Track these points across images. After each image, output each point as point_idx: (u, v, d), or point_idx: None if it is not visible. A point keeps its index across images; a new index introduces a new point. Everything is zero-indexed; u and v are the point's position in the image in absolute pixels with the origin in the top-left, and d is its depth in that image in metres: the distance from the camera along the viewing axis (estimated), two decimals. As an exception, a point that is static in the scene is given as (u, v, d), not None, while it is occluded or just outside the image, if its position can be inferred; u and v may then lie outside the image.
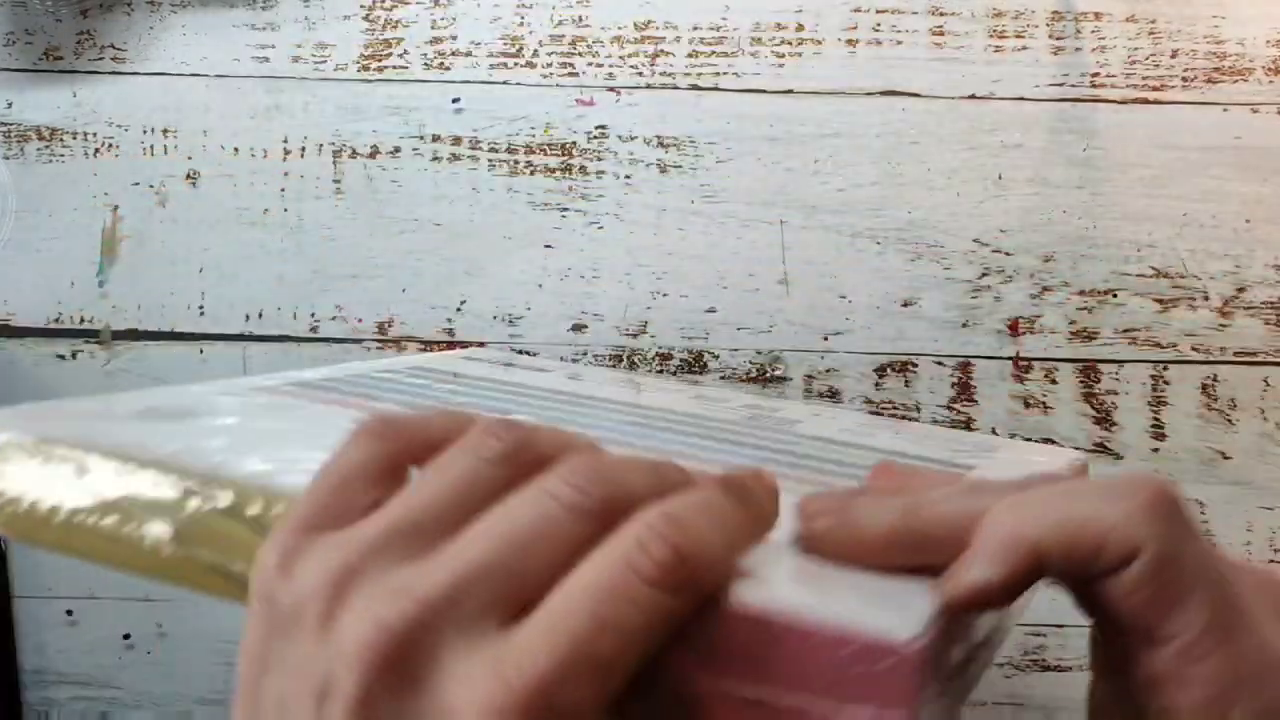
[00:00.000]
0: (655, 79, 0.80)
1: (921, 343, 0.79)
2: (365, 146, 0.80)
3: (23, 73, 0.81)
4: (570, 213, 0.80)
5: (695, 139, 0.80)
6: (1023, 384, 0.79)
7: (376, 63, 0.80)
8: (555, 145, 0.80)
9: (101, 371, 0.81)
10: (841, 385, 0.79)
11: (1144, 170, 0.79)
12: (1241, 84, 0.79)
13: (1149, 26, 0.79)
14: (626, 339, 0.80)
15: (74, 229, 0.80)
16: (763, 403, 0.50)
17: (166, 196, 0.81)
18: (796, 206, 0.80)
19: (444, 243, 0.80)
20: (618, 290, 0.80)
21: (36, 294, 0.81)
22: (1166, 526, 0.23)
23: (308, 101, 0.80)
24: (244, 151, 0.81)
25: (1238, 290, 0.79)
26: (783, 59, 0.80)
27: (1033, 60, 0.79)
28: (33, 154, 0.80)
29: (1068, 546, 0.24)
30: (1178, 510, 0.24)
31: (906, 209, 0.79)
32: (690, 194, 0.80)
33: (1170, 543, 0.23)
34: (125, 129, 0.81)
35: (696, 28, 0.80)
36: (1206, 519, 0.79)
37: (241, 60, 0.80)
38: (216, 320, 0.80)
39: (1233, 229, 0.79)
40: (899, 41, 0.79)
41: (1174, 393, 0.79)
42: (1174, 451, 0.79)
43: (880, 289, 0.79)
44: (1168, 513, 0.23)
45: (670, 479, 0.24)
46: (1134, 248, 0.79)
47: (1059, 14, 0.79)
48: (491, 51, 0.80)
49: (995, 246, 0.79)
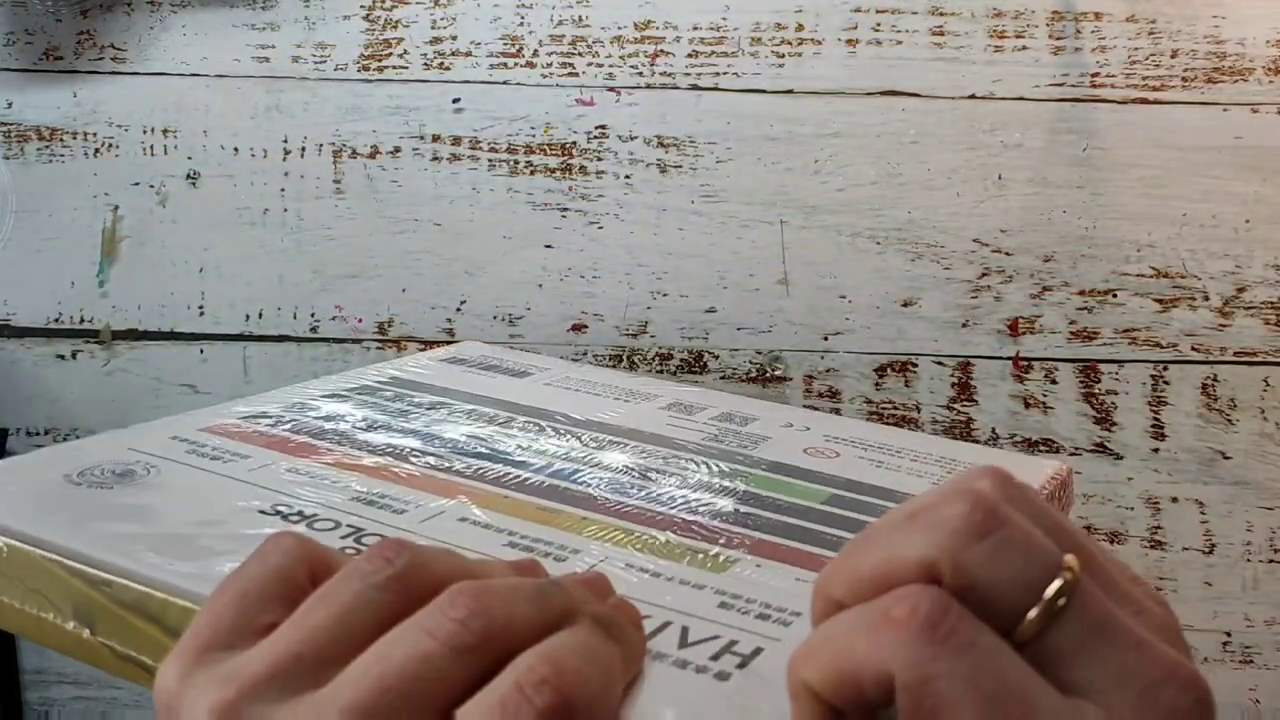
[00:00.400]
0: (655, 79, 0.80)
1: (921, 343, 0.79)
2: (365, 146, 0.80)
3: (23, 73, 0.81)
4: (570, 213, 0.80)
5: (695, 139, 0.80)
6: (1023, 384, 0.79)
7: (376, 63, 0.80)
8: (555, 145, 0.80)
9: (101, 371, 0.81)
10: (841, 385, 0.79)
11: (1144, 170, 0.79)
12: (1241, 84, 0.79)
13: (1149, 26, 0.79)
14: (626, 339, 0.80)
15: (74, 229, 0.80)
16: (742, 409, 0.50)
17: (166, 196, 0.81)
18: (796, 206, 0.80)
19: (444, 243, 0.80)
20: (618, 290, 0.80)
21: (36, 294, 0.81)
22: (916, 647, 0.21)
23: (308, 101, 0.80)
24: (244, 151, 0.81)
25: (1238, 290, 0.79)
26: (783, 59, 0.80)
27: (1033, 60, 0.79)
28: (33, 154, 0.80)
29: (834, 687, 0.22)
30: (935, 621, 0.21)
31: (906, 209, 0.79)
32: (690, 194, 0.80)
33: (921, 666, 0.21)
34: (125, 129, 0.81)
35: (696, 28, 0.80)
36: (1206, 519, 0.79)
37: (241, 60, 0.80)
38: (216, 320, 0.80)
39: (1233, 229, 0.79)
40: (899, 41, 0.79)
41: (1174, 393, 0.79)
42: (1174, 451, 0.79)
43: (880, 289, 0.79)
44: (924, 628, 0.21)
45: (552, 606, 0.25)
46: (1134, 248, 0.79)
47: (1059, 14, 0.79)
48: (491, 51, 0.80)
49: (995, 246, 0.79)
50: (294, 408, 0.45)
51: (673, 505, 0.37)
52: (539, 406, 0.47)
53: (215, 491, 0.35)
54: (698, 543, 0.34)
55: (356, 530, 0.32)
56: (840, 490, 0.40)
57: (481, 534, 0.33)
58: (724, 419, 0.48)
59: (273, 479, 0.36)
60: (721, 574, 0.32)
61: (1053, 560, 0.21)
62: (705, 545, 0.34)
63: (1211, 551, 0.79)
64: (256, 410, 0.43)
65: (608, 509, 0.36)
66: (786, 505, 0.38)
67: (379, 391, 0.48)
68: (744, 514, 0.37)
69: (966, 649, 0.20)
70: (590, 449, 0.42)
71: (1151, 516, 0.79)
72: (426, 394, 0.48)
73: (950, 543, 0.21)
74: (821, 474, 0.42)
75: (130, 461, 0.36)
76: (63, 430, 0.82)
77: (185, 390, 0.81)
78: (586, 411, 0.47)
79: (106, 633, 0.29)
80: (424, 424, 0.43)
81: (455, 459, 0.39)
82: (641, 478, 0.39)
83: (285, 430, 0.41)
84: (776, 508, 0.38)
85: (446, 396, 0.48)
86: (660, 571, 0.31)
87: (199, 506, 0.33)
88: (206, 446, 0.39)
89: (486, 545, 0.32)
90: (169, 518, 0.29)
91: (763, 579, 0.32)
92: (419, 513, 0.34)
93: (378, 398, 0.47)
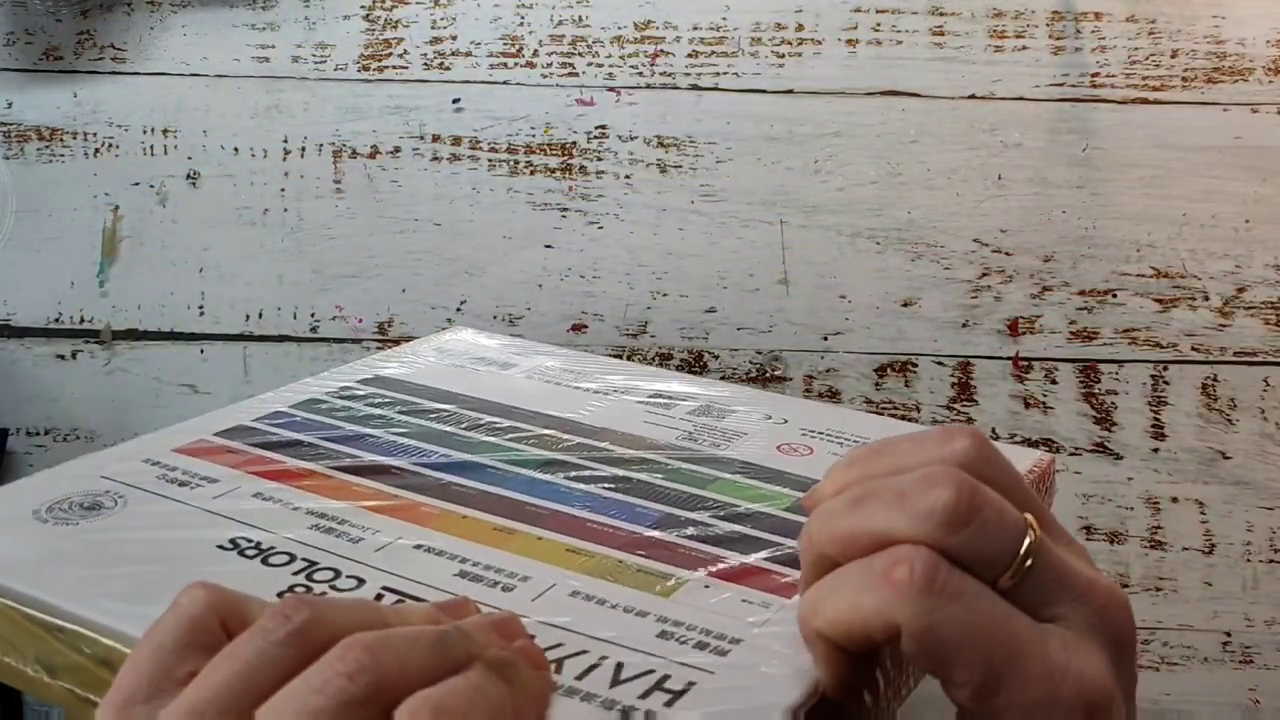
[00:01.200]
0: (655, 79, 0.80)
1: (921, 343, 0.79)
2: (365, 146, 0.80)
3: (23, 73, 0.81)
4: (570, 213, 0.80)
5: (695, 139, 0.80)
6: (1023, 384, 0.79)
7: (376, 63, 0.80)
8: (555, 145, 0.80)
9: (101, 371, 0.81)
10: (841, 385, 0.79)
11: (1144, 170, 0.79)
12: (1241, 84, 0.79)
13: (1149, 26, 0.79)
14: (626, 339, 0.80)
15: (74, 229, 0.80)
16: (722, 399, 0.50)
17: (166, 196, 0.81)
18: (796, 206, 0.80)
19: (444, 242, 0.80)
20: (618, 290, 0.80)
21: (36, 294, 0.81)
22: (918, 602, 0.25)
23: (308, 101, 0.80)
24: (244, 151, 0.81)
25: (1238, 290, 0.79)
26: (783, 59, 0.80)
27: (1033, 60, 0.79)
28: (33, 154, 0.80)
29: (845, 635, 0.26)
30: (931, 579, 0.25)
31: (906, 209, 0.79)
32: (690, 194, 0.80)
33: (923, 617, 0.25)
34: (125, 129, 0.81)
35: (696, 28, 0.80)
36: (1206, 519, 0.79)
37: (241, 60, 0.81)
38: (216, 320, 0.80)
39: (1233, 229, 0.79)
40: (899, 41, 0.79)
41: (1174, 393, 0.79)
42: (1174, 451, 0.79)
43: (880, 289, 0.79)
44: (922, 586, 0.25)
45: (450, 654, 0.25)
46: (1134, 248, 0.79)
47: (1059, 14, 0.79)
48: (491, 51, 0.80)
49: (995, 246, 0.79)
50: (270, 418, 0.45)
51: (630, 519, 0.38)
52: (514, 406, 0.48)
53: (177, 525, 0.36)
54: (650, 562, 0.35)
55: (310, 565, 0.33)
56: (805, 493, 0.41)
57: (434, 562, 0.34)
58: (701, 412, 0.48)
59: (235, 507, 0.37)
60: (667, 598, 0.33)
61: (1020, 529, 0.26)
62: (656, 565, 0.35)
63: (1211, 551, 0.79)
64: (233, 424, 0.44)
65: (564, 526, 0.37)
66: (746, 514, 0.39)
67: (357, 395, 0.49)
68: (701, 526, 0.37)
69: (958, 597, 0.25)
70: (557, 454, 0.43)
71: (1151, 516, 0.79)
72: (404, 394, 0.49)
73: (938, 531, 0.26)
74: (789, 475, 0.42)
75: (99, 492, 0.38)
76: (63, 430, 0.82)
77: (185, 390, 0.81)
78: (564, 408, 0.48)
79: (67, 677, 0.31)
80: (394, 433, 0.44)
81: (422, 472, 0.40)
82: (604, 489, 0.40)
83: (256, 447, 0.42)
84: (736, 517, 0.38)
85: (424, 398, 0.49)
86: (606, 598, 0.32)
87: (159, 544, 0.34)
88: (176, 470, 0.40)
89: (437, 576, 0.33)
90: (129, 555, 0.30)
91: (708, 603, 0.32)
92: (374, 541, 0.35)
93: (356, 403, 0.48)
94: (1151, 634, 0.79)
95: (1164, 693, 0.79)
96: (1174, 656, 0.79)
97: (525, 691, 0.26)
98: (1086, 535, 0.79)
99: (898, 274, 0.79)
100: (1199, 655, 0.79)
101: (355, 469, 0.41)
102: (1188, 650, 0.79)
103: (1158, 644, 0.79)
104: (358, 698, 0.23)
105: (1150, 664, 0.79)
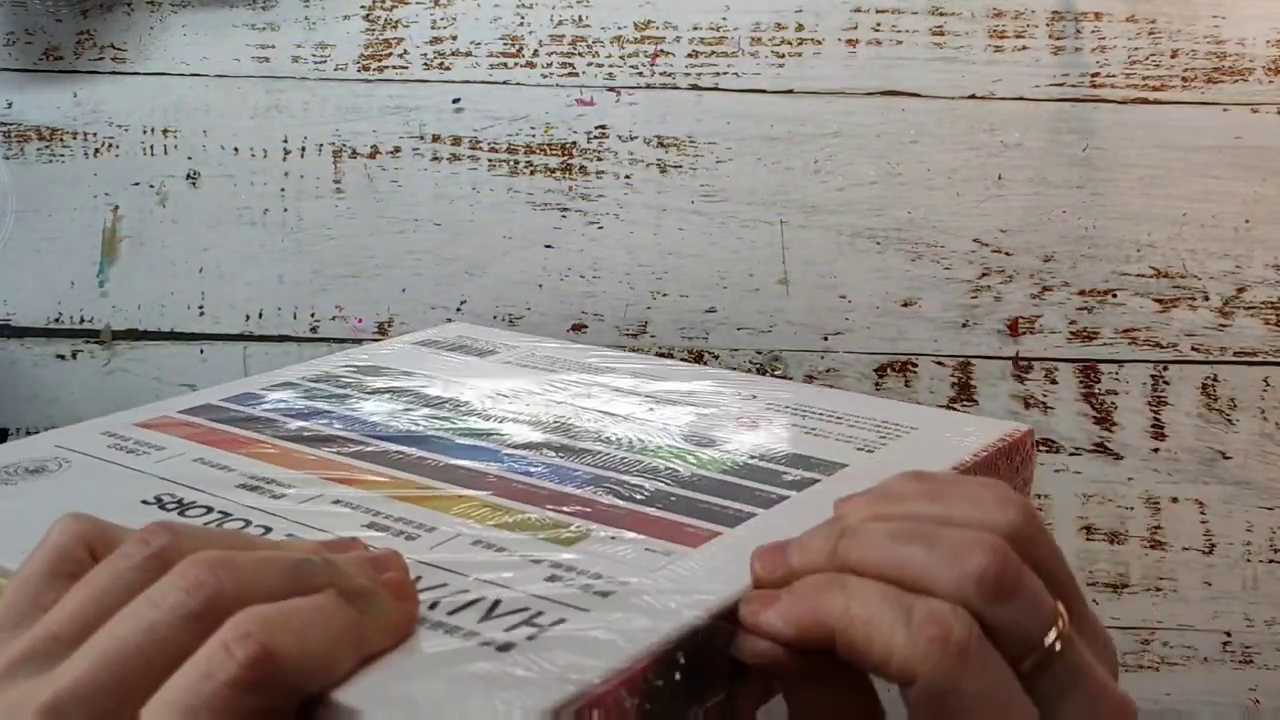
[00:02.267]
0: (655, 79, 0.80)
1: (921, 343, 0.79)
2: (365, 146, 0.80)
3: (23, 73, 0.81)
4: (570, 213, 0.80)
5: (695, 139, 0.80)
6: (1023, 384, 0.79)
7: (376, 63, 0.80)
8: (555, 145, 0.80)
9: (101, 371, 0.81)
10: (841, 385, 0.79)
11: (1144, 170, 0.79)
12: (1241, 84, 0.79)
13: (1149, 26, 0.79)
14: (626, 339, 0.80)
15: (74, 229, 0.81)
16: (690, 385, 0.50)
17: (166, 196, 0.81)
18: (796, 206, 0.80)
19: (444, 242, 0.80)
20: (618, 290, 0.80)
21: (36, 294, 0.81)
22: (946, 663, 0.25)
23: (308, 101, 0.80)
24: (244, 151, 0.81)
25: (1238, 290, 0.79)
26: (783, 59, 0.80)
27: (1033, 60, 0.79)
28: (33, 154, 0.80)
29: (851, 647, 0.26)
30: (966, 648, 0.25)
31: (906, 209, 0.79)
32: (690, 194, 0.80)
33: (946, 679, 0.25)
34: (125, 129, 0.81)
35: (696, 28, 0.80)
36: (1206, 519, 0.79)
37: (241, 60, 0.81)
38: (216, 320, 0.81)
39: (1233, 229, 0.79)
40: (899, 41, 0.79)
41: (1174, 393, 0.79)
42: (1174, 451, 0.79)
43: (880, 289, 0.79)
44: (957, 649, 0.25)
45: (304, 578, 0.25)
46: (1134, 248, 0.79)
47: (1059, 14, 0.79)
48: (491, 51, 0.80)
49: (995, 246, 0.79)
50: (239, 399, 0.46)
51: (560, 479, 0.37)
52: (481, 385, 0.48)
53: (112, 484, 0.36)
54: (565, 517, 0.34)
55: (224, 516, 0.33)
56: (748, 459, 0.40)
57: (346, 515, 0.34)
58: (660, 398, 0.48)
59: (173, 470, 0.37)
60: (569, 547, 0.32)
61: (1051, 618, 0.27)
62: (569, 519, 0.34)
63: (1211, 551, 0.79)
64: (200, 403, 0.44)
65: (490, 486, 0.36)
66: (685, 477, 0.38)
67: (334, 379, 0.49)
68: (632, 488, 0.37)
69: (982, 670, 0.25)
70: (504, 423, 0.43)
71: (1151, 516, 0.79)
72: (377, 378, 0.49)
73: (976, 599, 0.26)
74: (732, 443, 0.42)
75: (48, 458, 0.38)
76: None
77: (185, 390, 0.81)
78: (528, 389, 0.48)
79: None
80: (354, 409, 0.44)
81: (369, 442, 0.40)
82: (543, 454, 0.40)
83: (216, 421, 0.42)
84: (673, 479, 0.38)
85: (397, 380, 0.49)
86: (505, 547, 0.32)
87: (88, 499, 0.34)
88: (130, 440, 0.40)
89: (345, 527, 0.33)
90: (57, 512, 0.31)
91: (609, 550, 0.32)
92: (295, 497, 0.35)
93: (329, 384, 0.48)
94: (1151, 634, 0.79)
95: (1164, 693, 0.79)
96: (1174, 656, 0.79)
97: (379, 621, 0.26)
98: (1086, 535, 0.79)
99: (898, 274, 0.79)
100: (1199, 655, 0.79)
101: (303, 438, 0.40)
102: (1188, 650, 0.79)
103: (1158, 644, 0.79)
104: (195, 611, 0.23)
105: (1150, 664, 0.79)
